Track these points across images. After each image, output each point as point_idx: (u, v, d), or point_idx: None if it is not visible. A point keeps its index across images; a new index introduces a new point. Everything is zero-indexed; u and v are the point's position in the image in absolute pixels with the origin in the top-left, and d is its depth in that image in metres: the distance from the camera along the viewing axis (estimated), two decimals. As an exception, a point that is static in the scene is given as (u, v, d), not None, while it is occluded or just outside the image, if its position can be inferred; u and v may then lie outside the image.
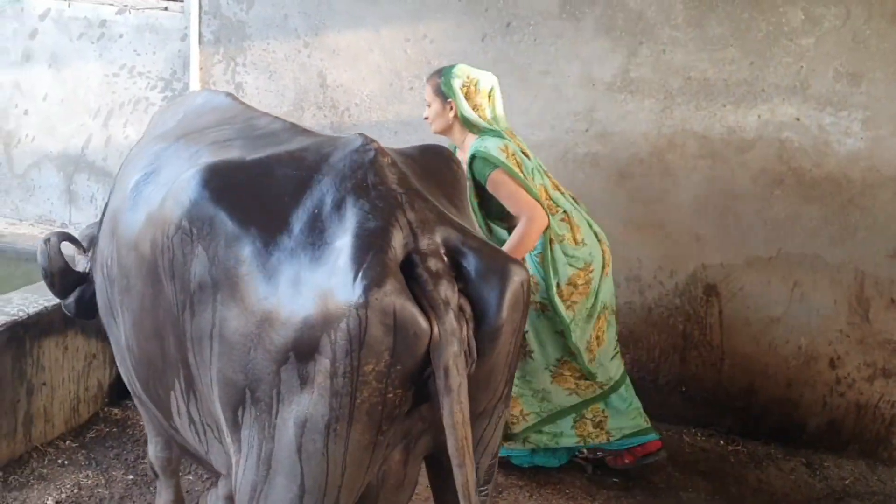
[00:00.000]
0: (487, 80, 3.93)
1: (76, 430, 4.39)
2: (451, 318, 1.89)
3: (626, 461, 4.17)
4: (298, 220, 2.01)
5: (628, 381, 4.17)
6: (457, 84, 3.84)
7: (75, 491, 3.86)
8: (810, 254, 4.59)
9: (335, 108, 5.13)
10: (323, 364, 1.86)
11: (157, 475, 3.38)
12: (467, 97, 3.84)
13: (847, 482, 4.51)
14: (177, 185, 2.16)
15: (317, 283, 1.89)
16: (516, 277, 2.02)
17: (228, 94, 2.97)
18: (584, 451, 4.29)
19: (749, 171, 4.58)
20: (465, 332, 1.95)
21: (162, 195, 2.25)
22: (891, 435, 4.65)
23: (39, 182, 6.03)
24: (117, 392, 4.75)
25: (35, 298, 4.23)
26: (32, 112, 5.94)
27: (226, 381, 2.02)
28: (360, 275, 1.84)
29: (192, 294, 2.08)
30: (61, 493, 3.84)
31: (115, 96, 5.69)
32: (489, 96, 3.92)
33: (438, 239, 2.01)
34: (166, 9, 5.57)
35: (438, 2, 4.86)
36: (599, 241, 4.00)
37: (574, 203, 4.05)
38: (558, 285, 3.87)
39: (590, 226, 4.02)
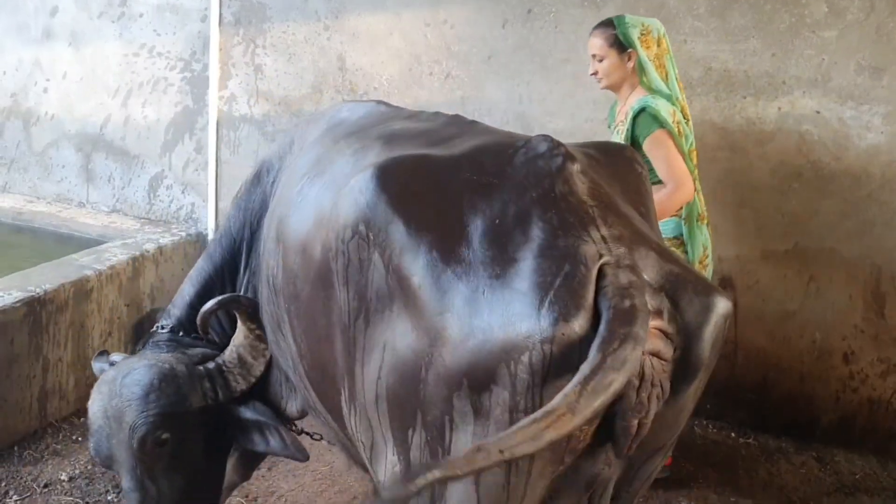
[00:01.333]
0: (657, 28, 3.81)
1: (91, 407, 4.43)
2: (639, 326, 1.62)
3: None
4: (477, 232, 1.83)
5: None
6: (634, 33, 3.71)
7: (89, 467, 3.89)
8: (827, 248, 4.56)
9: (354, 92, 5.13)
10: (501, 396, 1.69)
11: None
12: (645, 46, 3.72)
13: (857, 477, 4.48)
14: (352, 186, 2.00)
15: (496, 305, 1.70)
16: (721, 310, 1.79)
17: (378, 102, 2.80)
18: None
19: (768, 164, 4.55)
20: (659, 362, 1.74)
21: (332, 195, 2.11)
22: (903, 431, 4.62)
23: (58, 160, 6.06)
24: (132, 370, 4.80)
25: (52, 275, 4.27)
26: (52, 90, 5.97)
27: (396, 399, 1.87)
28: (546, 304, 1.65)
29: (368, 302, 1.93)
30: (75, 468, 3.88)
31: (134, 76, 5.71)
32: (661, 43, 3.79)
33: (634, 260, 1.77)
34: (187, -11, 5.59)
35: (459, -13, 4.85)
36: None
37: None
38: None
39: None
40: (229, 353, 2.80)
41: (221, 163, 5.55)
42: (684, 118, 3.81)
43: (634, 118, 3.67)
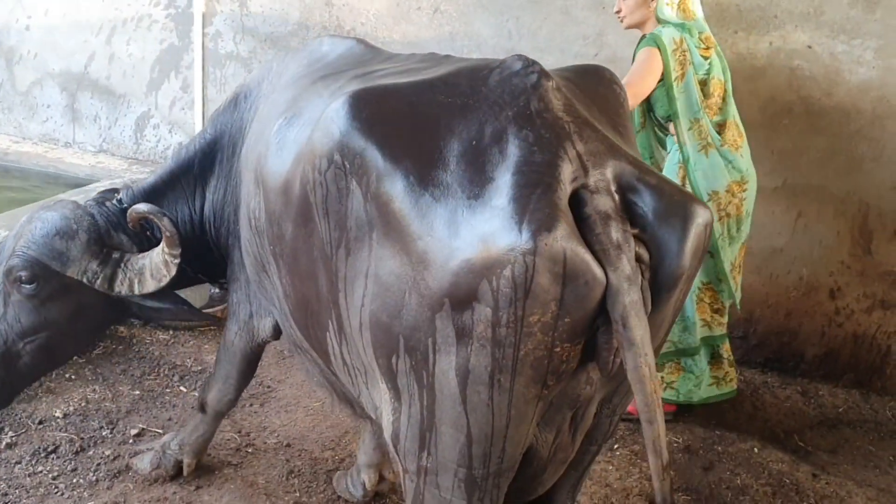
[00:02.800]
0: None
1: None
2: (625, 264, 1.70)
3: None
4: (454, 153, 1.84)
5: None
6: None
7: (83, 404, 3.93)
8: (815, 185, 4.59)
9: (341, 28, 5.09)
10: (483, 313, 1.71)
11: (204, 412, 3.32)
12: None
13: (840, 410, 4.58)
14: (325, 116, 2.00)
15: (476, 223, 1.72)
16: (700, 219, 1.81)
17: (357, 40, 2.78)
18: None
19: (758, 100, 4.54)
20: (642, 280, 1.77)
21: (308, 133, 2.11)
22: (885, 365, 4.71)
23: (42, 100, 6.02)
24: (123, 309, 4.84)
25: (41, 215, 4.25)
26: (34, 27, 5.90)
27: (379, 325, 1.89)
28: (526, 217, 1.67)
29: (348, 231, 1.94)
30: (69, 405, 3.91)
31: (117, 13, 5.64)
32: None
33: (610, 174, 1.80)
34: (169, -78, 5.48)
35: (447, -81, 4.77)
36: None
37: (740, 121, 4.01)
38: (716, 192, 3.83)
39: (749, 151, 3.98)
40: (136, 259, 2.90)
41: (208, 101, 5.52)
42: (705, 47, 3.85)
43: (638, 44, 3.82)
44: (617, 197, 1.80)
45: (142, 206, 2.85)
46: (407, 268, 1.80)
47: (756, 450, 4.09)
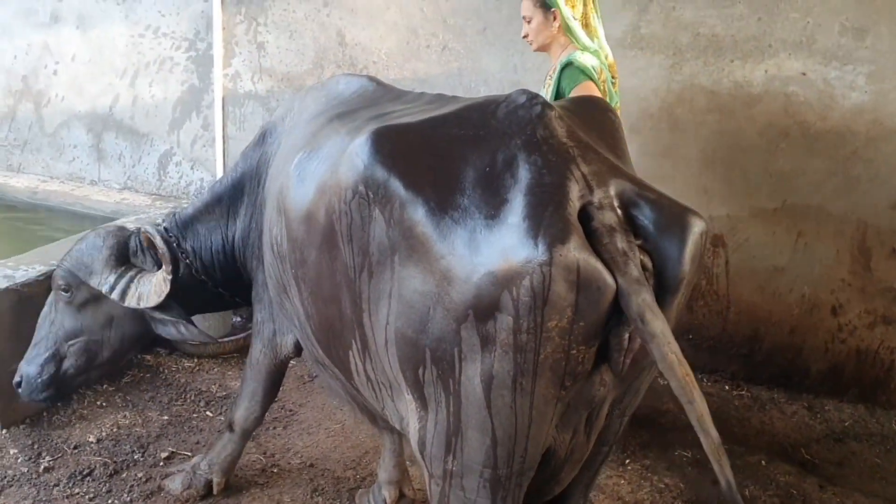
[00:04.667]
0: None
1: (112, 375, 4.61)
2: (632, 269, 1.85)
3: None
4: (469, 180, 2.00)
5: None
6: None
7: (114, 430, 4.11)
8: (814, 205, 4.72)
9: (354, 66, 5.28)
10: (505, 321, 1.86)
11: (232, 430, 3.54)
12: (569, 3, 3.80)
13: (847, 424, 4.67)
14: (350, 152, 2.17)
15: (494, 240, 1.87)
16: (696, 229, 1.97)
17: (370, 78, 3.02)
18: None
19: (755, 125, 4.70)
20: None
21: (328, 166, 2.30)
22: (889, 379, 4.80)
23: (69, 140, 6.25)
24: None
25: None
26: (61, 72, 6.14)
27: (405, 340, 2.04)
28: (541, 231, 1.82)
29: (370, 256, 2.10)
30: (101, 431, 4.09)
31: (140, 56, 5.86)
32: (588, 3, 3.88)
33: (613, 192, 1.97)
34: (189, -30, 5.72)
35: (454, -39, 4.98)
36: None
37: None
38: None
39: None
40: (146, 275, 3.22)
41: (228, 138, 5.72)
42: (612, 77, 3.91)
43: (562, 70, 3.78)
44: (620, 212, 1.96)
45: (146, 228, 3.21)
46: (431, 285, 1.95)
47: (763, 462, 4.20)
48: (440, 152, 2.09)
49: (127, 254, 3.31)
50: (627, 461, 4.09)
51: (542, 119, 2.06)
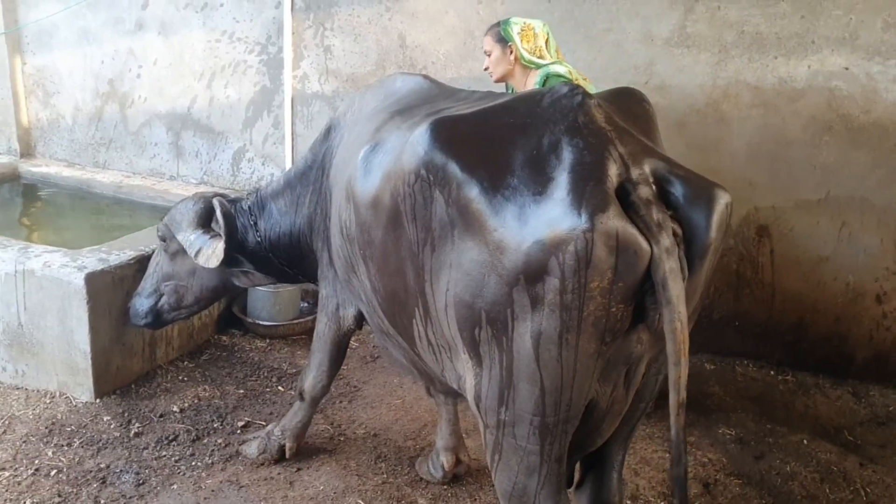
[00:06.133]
0: (541, 26, 4.25)
1: (192, 353, 5.05)
2: (665, 238, 2.05)
3: None
4: (518, 162, 2.22)
5: None
6: (515, 30, 4.18)
7: (195, 401, 4.49)
8: (858, 196, 4.84)
9: (414, 67, 5.54)
10: (552, 283, 2.07)
11: (302, 399, 3.87)
12: (525, 40, 4.17)
13: (891, 409, 4.79)
14: (411, 141, 2.42)
15: (541, 213, 2.09)
16: (722, 200, 2.18)
17: (424, 76, 3.33)
18: None
19: (799, 119, 4.83)
20: (678, 251, 2.11)
21: (392, 157, 2.56)
22: (933, 366, 4.87)
23: (150, 139, 6.66)
24: (225, 322, 5.40)
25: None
26: (144, 75, 6.56)
27: (463, 304, 2.28)
28: (583, 203, 2.03)
29: (433, 231, 2.34)
30: (184, 402, 4.46)
31: (216, 60, 6.23)
32: (546, 39, 4.23)
33: (647, 169, 2.17)
34: (261, -21, 6.06)
35: (509, -34, 5.20)
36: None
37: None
38: None
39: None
40: (215, 240, 3.67)
41: (297, 136, 6.05)
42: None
43: (544, 83, 4.07)
44: (654, 187, 2.16)
45: (214, 201, 3.69)
46: (485, 255, 2.19)
47: (805, 442, 4.36)
48: (491, 138, 2.32)
49: (209, 219, 3.76)
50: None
51: (583, 107, 2.28)
